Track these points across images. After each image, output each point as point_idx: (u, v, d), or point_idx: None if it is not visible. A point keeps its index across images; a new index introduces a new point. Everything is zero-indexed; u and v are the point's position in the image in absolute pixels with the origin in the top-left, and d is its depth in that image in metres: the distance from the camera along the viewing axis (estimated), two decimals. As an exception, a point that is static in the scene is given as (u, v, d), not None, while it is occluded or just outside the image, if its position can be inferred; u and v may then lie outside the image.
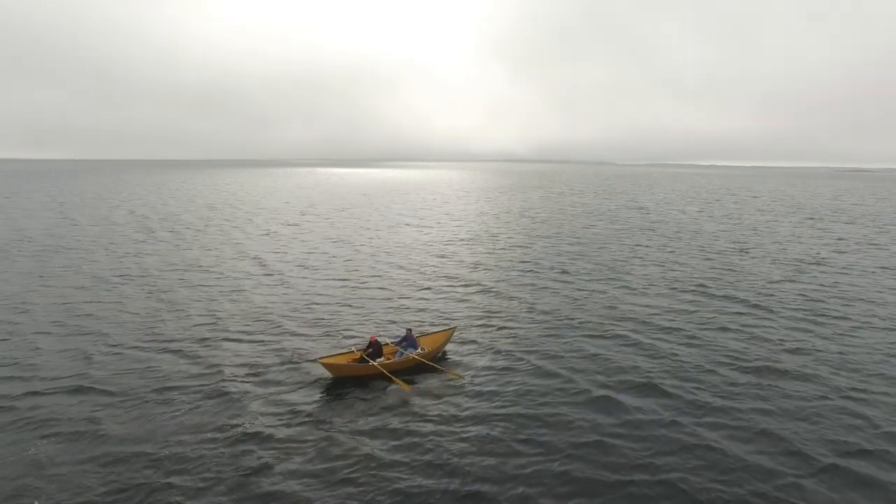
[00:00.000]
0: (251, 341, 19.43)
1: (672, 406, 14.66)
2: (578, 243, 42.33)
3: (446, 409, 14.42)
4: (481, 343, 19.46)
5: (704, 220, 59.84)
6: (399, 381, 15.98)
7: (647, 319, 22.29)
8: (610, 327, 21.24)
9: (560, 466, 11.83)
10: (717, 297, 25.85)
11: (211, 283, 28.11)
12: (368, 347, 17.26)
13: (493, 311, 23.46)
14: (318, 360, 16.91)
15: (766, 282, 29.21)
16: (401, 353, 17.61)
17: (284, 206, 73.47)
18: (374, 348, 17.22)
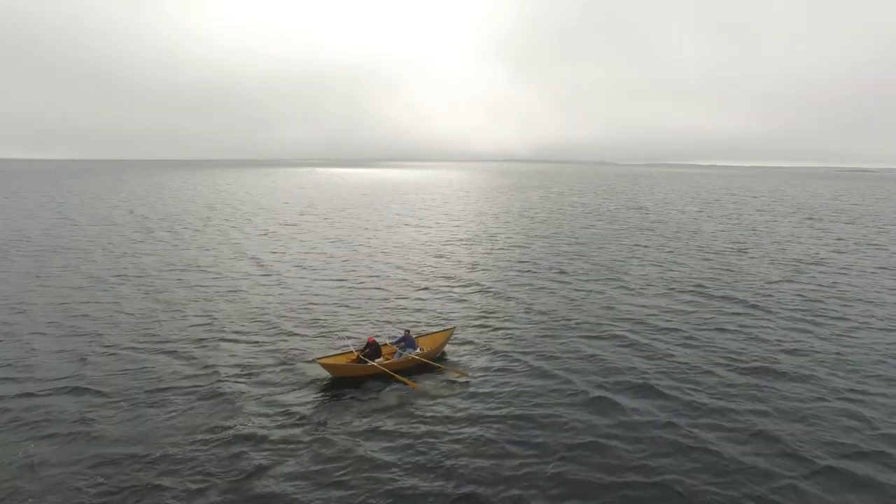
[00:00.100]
0: (248, 342, 19.39)
1: (668, 407, 14.61)
2: (577, 243, 42.28)
3: (443, 410, 14.38)
4: (479, 343, 19.42)
5: (704, 221, 59.79)
6: (405, 379, 15.98)
7: (644, 320, 22.25)
8: (607, 328, 21.19)
9: (555, 468, 11.78)
10: (715, 298, 25.81)
11: (208, 283, 28.07)
12: (366, 348, 17.21)
13: (491, 311, 23.42)
14: (316, 360, 16.86)
15: (764, 282, 29.16)
16: (399, 354, 17.57)
17: (283, 206, 73.44)
18: (373, 349, 17.16)
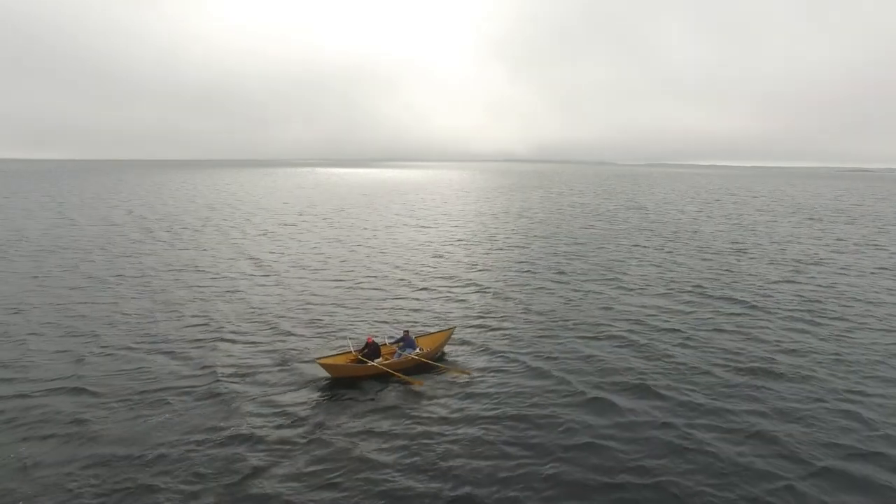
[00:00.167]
0: (246, 342, 19.34)
1: (666, 408, 14.55)
2: (576, 243, 42.24)
3: (442, 410, 14.33)
4: (477, 344, 19.37)
5: (703, 221, 59.74)
6: (408, 377, 15.96)
7: (642, 320, 22.20)
8: (605, 328, 21.15)
9: (552, 469, 11.73)
10: (714, 298, 25.75)
11: (206, 283, 28.03)
12: (364, 348, 17.17)
13: (490, 311, 23.37)
14: (315, 360, 16.81)
15: (763, 282, 29.11)
16: (399, 354, 17.52)
17: (283, 206, 73.41)
18: (372, 349, 17.12)
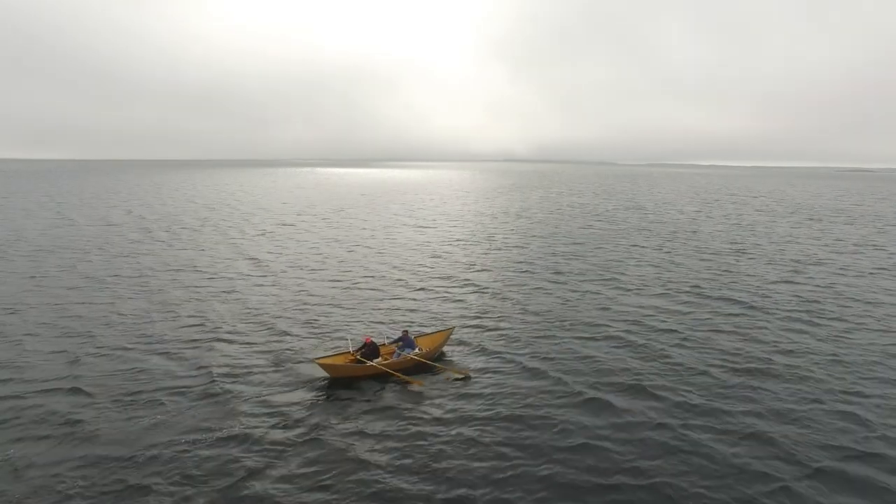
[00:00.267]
0: (244, 342, 19.29)
1: (661, 409, 14.51)
2: (574, 243, 42.20)
3: (439, 411, 14.28)
4: (475, 344, 19.33)
5: (702, 221, 59.69)
6: (407, 377, 15.93)
7: (640, 320, 22.16)
8: (602, 328, 21.10)
9: (545, 470, 11.68)
10: (712, 299, 25.71)
11: (204, 283, 27.99)
12: (363, 348, 17.14)
13: (487, 311, 23.34)
14: (313, 360, 16.77)
15: (761, 283, 29.06)
16: (398, 354, 17.47)
17: (282, 206, 73.37)
18: (370, 349, 17.09)
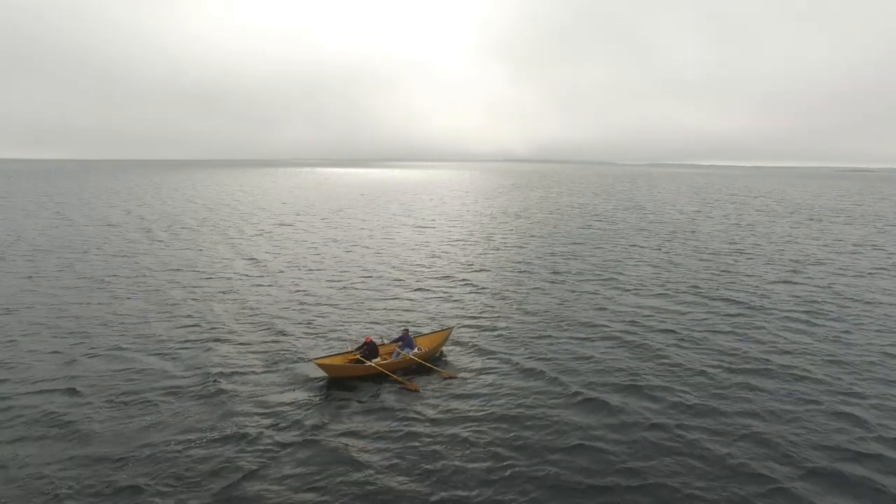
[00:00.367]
0: (242, 342, 19.25)
1: (657, 409, 14.47)
2: (573, 243, 42.17)
3: (437, 412, 14.25)
4: (472, 344, 19.30)
5: (701, 221, 59.66)
6: (402, 380, 15.88)
7: (638, 321, 22.12)
8: (600, 328, 21.07)
9: (540, 471, 11.64)
10: (710, 299, 25.67)
11: (202, 283, 27.96)
12: (363, 346, 17.12)
13: (485, 311, 23.30)
14: (312, 360, 16.71)
15: (760, 283, 29.02)
16: (397, 354, 17.45)
17: (281, 206, 73.33)
18: (370, 348, 17.08)
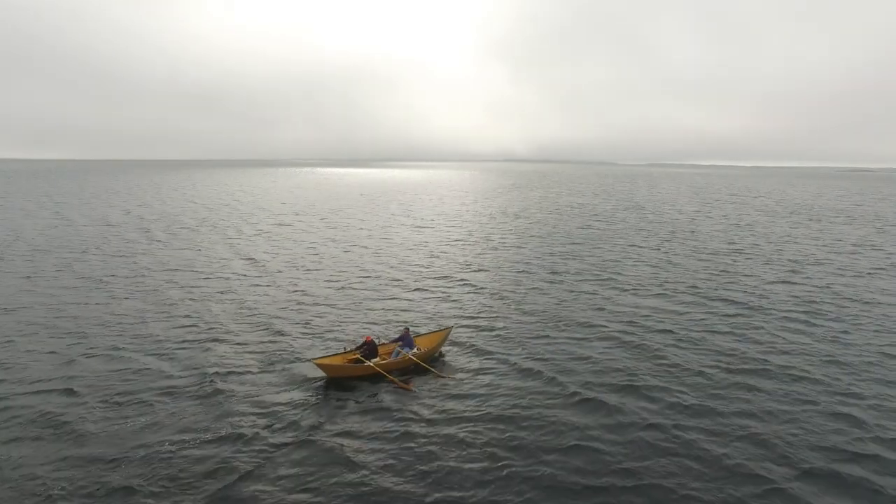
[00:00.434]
0: (238, 342, 19.23)
1: (655, 409, 14.44)
2: (572, 243, 42.15)
3: (436, 412, 14.21)
4: (471, 344, 19.27)
5: (701, 221, 59.63)
6: (399, 380, 15.85)
7: (636, 321, 22.09)
8: (598, 329, 21.05)
9: (536, 471, 11.61)
10: (709, 299, 25.64)
11: (200, 283, 27.94)
12: (363, 346, 17.09)
13: (483, 312, 23.28)
14: (311, 360, 16.69)
15: (759, 283, 28.99)
16: (397, 353, 17.42)
17: (281, 206, 73.31)
18: (369, 348, 17.05)
